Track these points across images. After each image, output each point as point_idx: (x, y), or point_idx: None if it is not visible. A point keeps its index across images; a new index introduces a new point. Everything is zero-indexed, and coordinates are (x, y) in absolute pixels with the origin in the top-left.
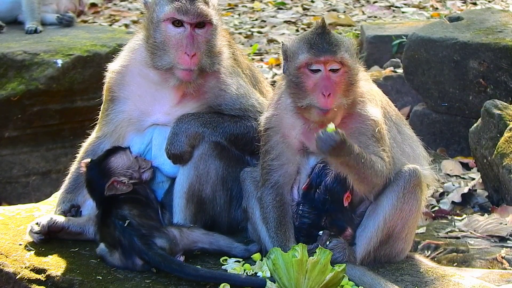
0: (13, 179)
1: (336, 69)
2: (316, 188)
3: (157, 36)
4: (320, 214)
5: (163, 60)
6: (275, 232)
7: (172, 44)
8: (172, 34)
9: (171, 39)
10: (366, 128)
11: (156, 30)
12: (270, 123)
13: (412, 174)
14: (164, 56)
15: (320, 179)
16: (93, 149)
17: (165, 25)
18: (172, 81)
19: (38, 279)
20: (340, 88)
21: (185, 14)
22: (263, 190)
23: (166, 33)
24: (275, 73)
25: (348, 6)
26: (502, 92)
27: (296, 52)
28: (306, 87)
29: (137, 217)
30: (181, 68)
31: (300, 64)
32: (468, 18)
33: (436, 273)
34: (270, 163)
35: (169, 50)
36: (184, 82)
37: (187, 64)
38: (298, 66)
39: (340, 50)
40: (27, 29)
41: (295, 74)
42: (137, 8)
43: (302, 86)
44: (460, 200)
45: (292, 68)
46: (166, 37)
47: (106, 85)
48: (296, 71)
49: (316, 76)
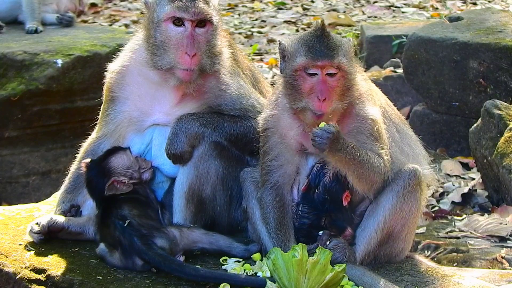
0: (13, 179)
1: (333, 73)
2: (315, 189)
3: (158, 36)
4: (320, 214)
5: (163, 60)
6: (275, 232)
7: (173, 44)
8: (173, 33)
9: (172, 38)
10: (364, 128)
11: (156, 29)
12: (268, 123)
13: (412, 174)
14: (164, 56)
15: (319, 179)
16: (93, 149)
17: (166, 25)
18: (172, 81)
19: (38, 279)
20: (336, 92)
21: (185, 12)
22: (263, 191)
23: (166, 33)
24: (275, 73)
25: (348, 6)
26: (502, 92)
27: (294, 53)
28: (302, 89)
29: (137, 217)
30: (181, 68)
31: (297, 66)
32: (468, 18)
33: (436, 273)
34: (269, 163)
35: (170, 50)
36: (184, 82)
37: (187, 64)
38: (295, 68)
39: (338, 55)
40: (28, 29)
41: (291, 76)
42: (137, 8)
43: (298, 89)
44: (460, 200)
45: (289, 70)
46: (166, 37)
47: (106, 85)
48: (293, 73)
49: (313, 79)
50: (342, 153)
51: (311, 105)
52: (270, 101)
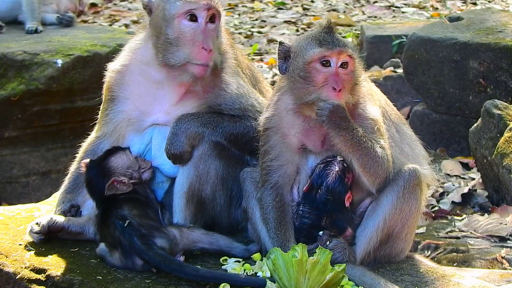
0: (13, 179)
1: (345, 63)
2: (317, 189)
3: (170, 32)
4: (321, 215)
5: (177, 57)
6: (275, 232)
7: (187, 39)
8: (187, 29)
9: (186, 34)
10: (365, 127)
11: (169, 26)
12: (270, 122)
13: (412, 174)
14: (178, 52)
15: (321, 180)
16: (92, 149)
17: (179, 21)
18: (185, 77)
19: (38, 279)
20: (348, 85)
21: (199, 5)
22: (262, 191)
23: (180, 29)
24: (275, 73)
25: (348, 6)
26: (502, 92)
27: (304, 48)
28: (315, 81)
29: (137, 217)
30: (197, 63)
31: (312, 58)
32: (468, 18)
33: (436, 273)
34: (270, 163)
35: (184, 46)
36: (197, 78)
37: (204, 59)
38: (309, 60)
39: (348, 47)
40: (28, 29)
41: (303, 69)
42: (137, 8)
43: (311, 81)
44: (460, 200)
45: (300, 64)
46: (180, 33)
47: (105, 84)
48: (305, 66)
49: (327, 70)
50: (347, 132)
51: (325, 95)
52: (271, 101)
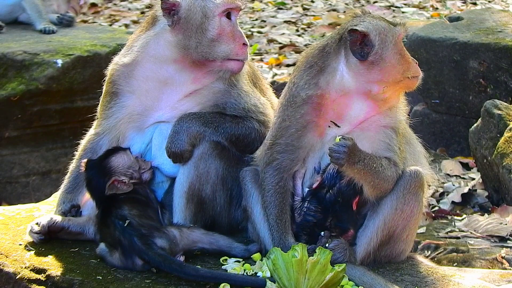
0: (13, 179)
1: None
2: (329, 189)
3: (211, 28)
4: (327, 215)
5: (218, 52)
6: (275, 220)
7: (229, 35)
8: (226, 26)
9: (227, 30)
10: (385, 135)
11: (209, 23)
12: (311, 99)
13: (414, 176)
14: (219, 47)
15: (335, 181)
16: (92, 147)
17: (220, 18)
18: (222, 72)
19: (38, 279)
20: None
21: (236, 4)
22: (267, 170)
23: (221, 25)
24: (275, 73)
25: (348, 6)
26: (502, 92)
27: (390, 32)
28: (409, 59)
29: (137, 217)
30: (238, 58)
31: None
32: (468, 18)
33: (436, 273)
34: (285, 141)
35: (226, 42)
36: (234, 73)
37: (244, 55)
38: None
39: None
40: (44, 30)
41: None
42: (137, 8)
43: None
44: (460, 200)
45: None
46: (221, 29)
47: (108, 78)
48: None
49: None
50: (360, 164)
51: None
52: (316, 78)
